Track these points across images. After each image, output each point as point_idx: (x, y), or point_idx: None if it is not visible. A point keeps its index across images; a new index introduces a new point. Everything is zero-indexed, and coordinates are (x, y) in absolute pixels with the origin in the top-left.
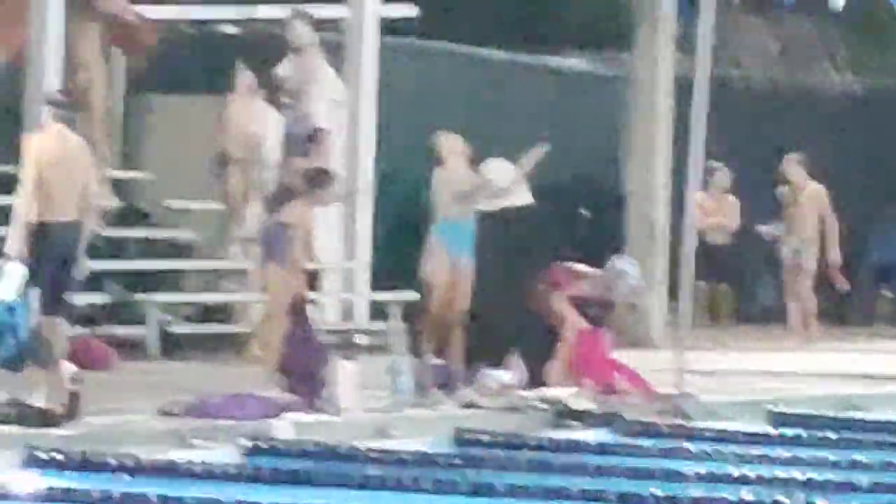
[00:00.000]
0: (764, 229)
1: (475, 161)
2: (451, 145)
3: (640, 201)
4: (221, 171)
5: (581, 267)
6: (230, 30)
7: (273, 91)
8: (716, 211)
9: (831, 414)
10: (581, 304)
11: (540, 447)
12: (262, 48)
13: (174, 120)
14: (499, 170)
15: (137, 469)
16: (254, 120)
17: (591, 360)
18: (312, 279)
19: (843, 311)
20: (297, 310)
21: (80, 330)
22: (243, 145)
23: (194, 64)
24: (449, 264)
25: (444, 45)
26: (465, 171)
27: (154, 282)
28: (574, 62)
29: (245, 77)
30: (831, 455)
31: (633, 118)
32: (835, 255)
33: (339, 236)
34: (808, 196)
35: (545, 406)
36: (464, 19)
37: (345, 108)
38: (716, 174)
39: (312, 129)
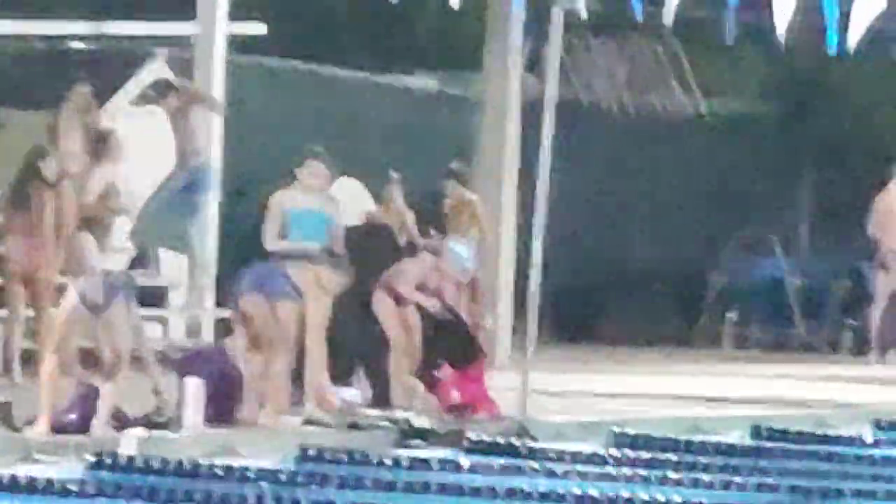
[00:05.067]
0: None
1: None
2: (312, 172)
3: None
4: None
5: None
6: (78, 45)
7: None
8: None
9: (673, 436)
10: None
11: (384, 464)
12: (110, 63)
13: (21, 135)
14: (347, 188)
15: None
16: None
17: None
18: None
19: (689, 333)
20: None
21: None
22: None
23: (42, 79)
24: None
25: (294, 63)
26: (309, 194)
27: None
28: (425, 82)
29: (80, 93)
30: (673, 474)
31: (483, 138)
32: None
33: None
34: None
35: (389, 424)
36: (315, 38)
37: None
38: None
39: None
